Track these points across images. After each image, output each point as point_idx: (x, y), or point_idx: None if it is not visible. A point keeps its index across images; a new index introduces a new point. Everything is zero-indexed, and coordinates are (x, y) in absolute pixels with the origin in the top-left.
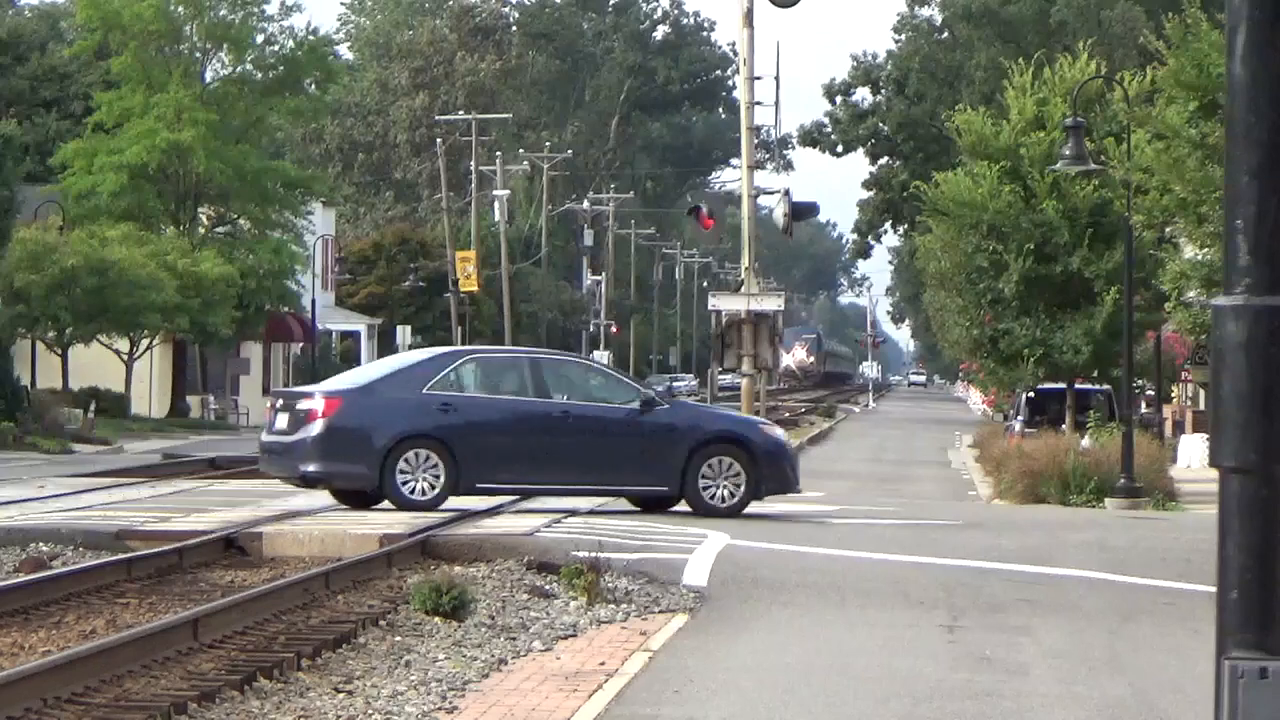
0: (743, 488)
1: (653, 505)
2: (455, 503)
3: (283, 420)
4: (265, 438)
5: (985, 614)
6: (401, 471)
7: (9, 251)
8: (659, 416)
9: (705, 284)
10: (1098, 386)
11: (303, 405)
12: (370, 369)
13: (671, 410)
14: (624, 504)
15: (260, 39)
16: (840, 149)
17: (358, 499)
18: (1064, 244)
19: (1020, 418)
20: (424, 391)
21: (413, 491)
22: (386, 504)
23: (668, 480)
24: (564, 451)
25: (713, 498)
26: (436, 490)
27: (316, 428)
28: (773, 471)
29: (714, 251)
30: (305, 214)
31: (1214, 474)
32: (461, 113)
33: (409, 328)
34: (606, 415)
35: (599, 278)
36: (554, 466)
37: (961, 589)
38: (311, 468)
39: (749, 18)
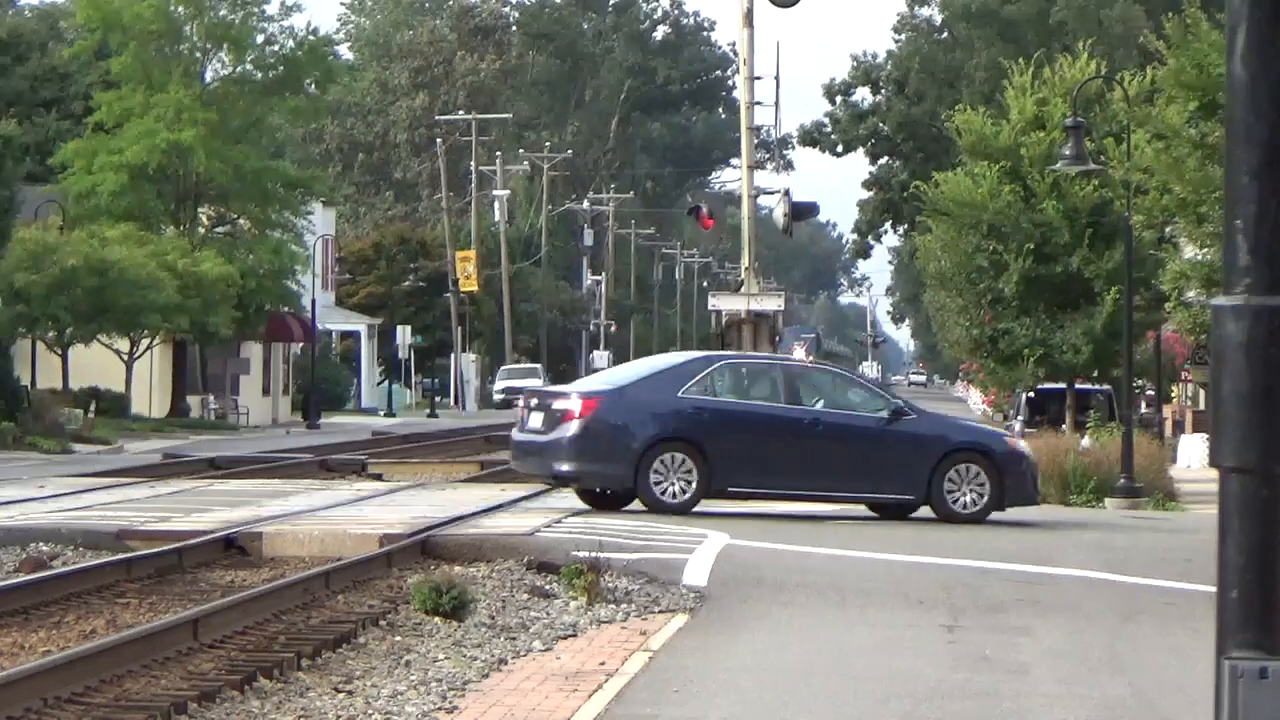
0: (986, 496)
1: (892, 513)
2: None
3: (536, 419)
4: (517, 436)
5: (985, 614)
6: (655, 473)
7: (9, 251)
8: (907, 426)
9: (705, 284)
10: (1098, 386)
11: (558, 405)
12: (624, 370)
13: (918, 420)
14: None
15: (260, 39)
16: (840, 149)
17: (604, 500)
18: (1064, 244)
19: (1020, 418)
20: (679, 395)
21: (669, 494)
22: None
23: (914, 488)
24: (813, 458)
25: (963, 507)
26: (690, 493)
27: (572, 428)
28: (1015, 482)
29: (714, 251)
30: (305, 214)
31: (1214, 474)
32: (461, 113)
33: (409, 328)
34: (856, 423)
35: (599, 278)
36: (803, 472)
37: (961, 589)
38: (566, 467)
39: (749, 18)
